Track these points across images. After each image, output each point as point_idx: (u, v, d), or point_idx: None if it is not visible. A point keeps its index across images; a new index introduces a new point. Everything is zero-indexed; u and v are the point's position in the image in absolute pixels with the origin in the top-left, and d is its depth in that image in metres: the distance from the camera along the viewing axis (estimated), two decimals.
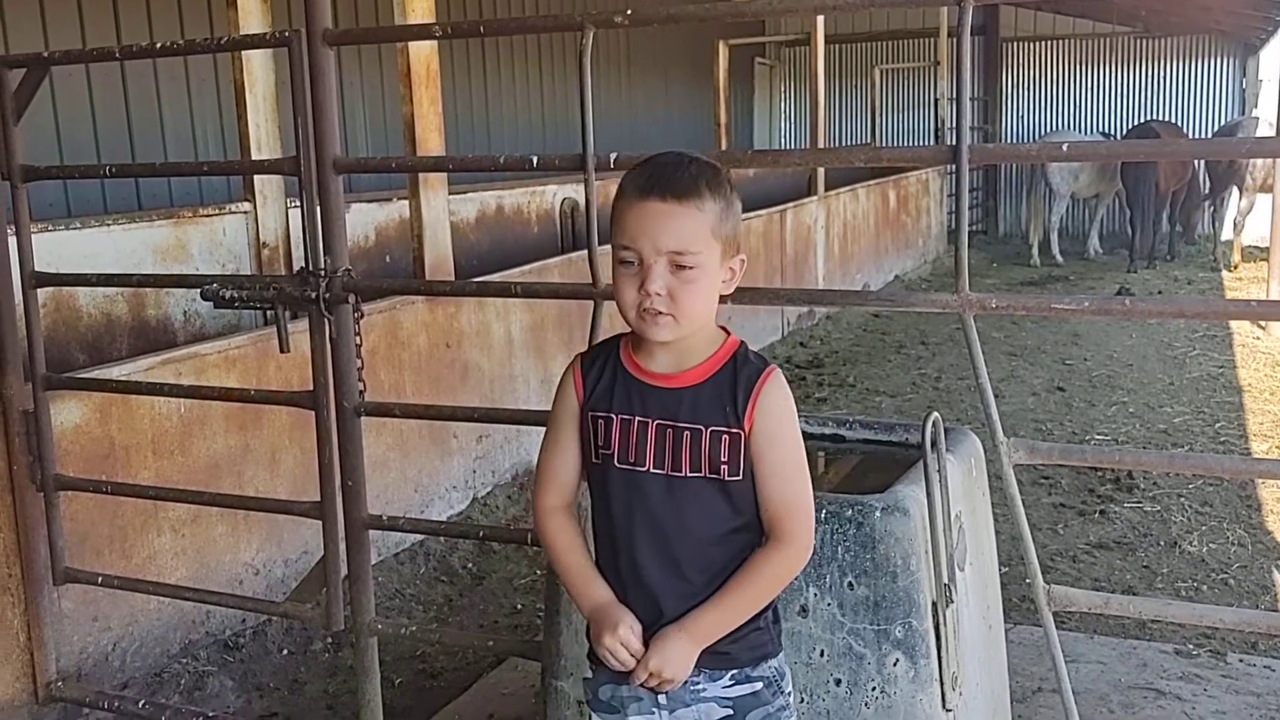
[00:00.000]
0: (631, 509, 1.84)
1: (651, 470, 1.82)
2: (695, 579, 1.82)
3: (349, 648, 3.85)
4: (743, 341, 1.89)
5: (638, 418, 1.83)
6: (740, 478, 1.81)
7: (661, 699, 1.85)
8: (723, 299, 1.89)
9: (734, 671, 1.85)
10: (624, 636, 1.80)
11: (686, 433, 1.80)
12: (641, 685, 1.82)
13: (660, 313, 1.76)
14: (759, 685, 1.86)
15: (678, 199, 1.74)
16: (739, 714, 1.86)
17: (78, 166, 6.07)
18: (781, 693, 1.89)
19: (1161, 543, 4.93)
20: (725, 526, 1.82)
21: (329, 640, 4.11)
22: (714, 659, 1.83)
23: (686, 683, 1.83)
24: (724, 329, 1.89)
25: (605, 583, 1.87)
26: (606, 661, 1.83)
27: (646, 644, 1.81)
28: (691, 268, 1.75)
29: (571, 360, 1.96)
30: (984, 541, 2.69)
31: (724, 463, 1.80)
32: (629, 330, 1.88)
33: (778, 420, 1.82)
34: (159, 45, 3.16)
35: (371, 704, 3.01)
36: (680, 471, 1.81)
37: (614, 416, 1.85)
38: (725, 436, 1.80)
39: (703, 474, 1.80)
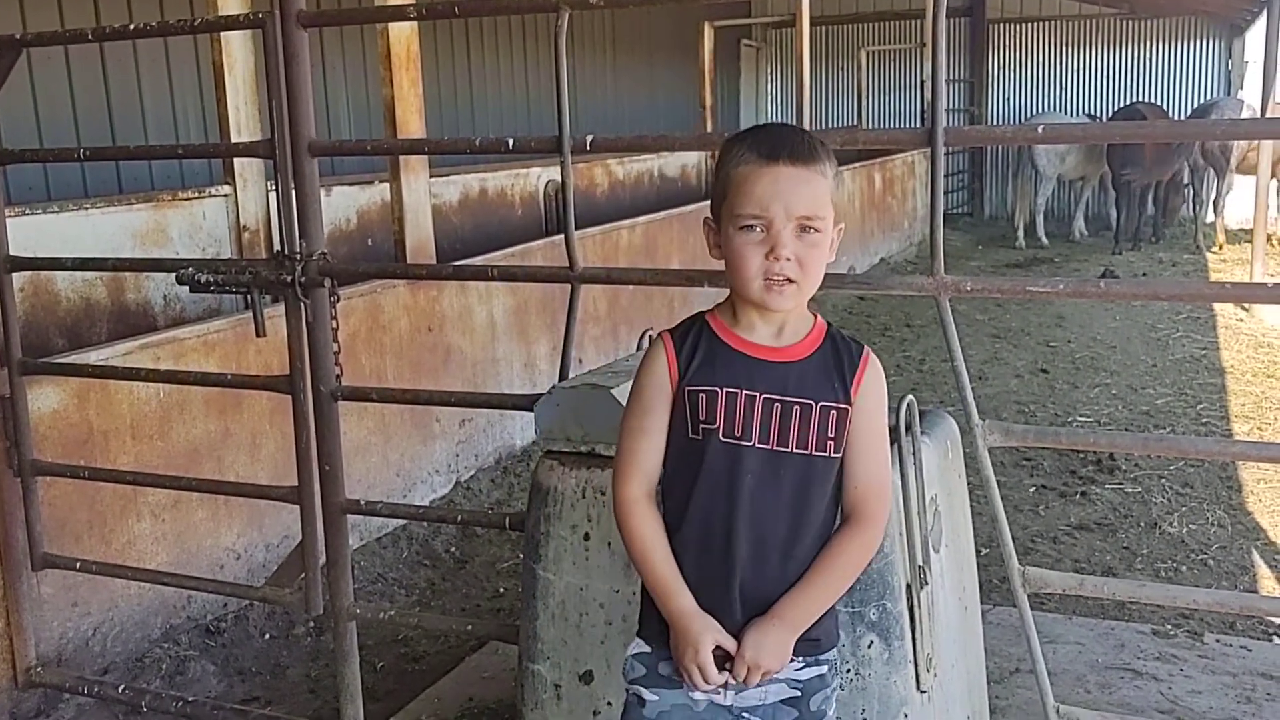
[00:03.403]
0: (731, 484, 1.79)
1: (756, 445, 1.78)
2: (778, 556, 1.80)
3: (330, 632, 3.85)
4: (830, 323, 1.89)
5: (744, 391, 1.79)
6: (841, 454, 1.82)
7: (729, 679, 1.81)
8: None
9: (806, 655, 1.84)
10: (703, 661, 1.77)
11: (796, 407, 1.78)
12: (744, 680, 1.78)
13: (789, 280, 1.75)
14: (825, 669, 1.87)
15: (805, 164, 1.75)
16: (805, 695, 1.85)
17: (52, 149, 6.01)
18: (838, 674, 1.93)
19: (1142, 524, 4.96)
20: (815, 504, 1.82)
21: (311, 624, 4.11)
22: (803, 645, 1.82)
23: None
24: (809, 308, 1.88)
25: (688, 589, 1.81)
26: (689, 679, 1.79)
27: (739, 636, 1.79)
28: (819, 231, 1.75)
29: (656, 338, 1.89)
30: (960, 523, 2.69)
31: (831, 438, 1.80)
32: (708, 310, 1.87)
33: (877, 399, 1.84)
34: (134, 27, 3.13)
35: (350, 688, 3.01)
36: (786, 447, 1.79)
37: (719, 390, 1.79)
38: (834, 411, 1.79)
39: (808, 450, 1.79)
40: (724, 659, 1.79)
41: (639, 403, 1.86)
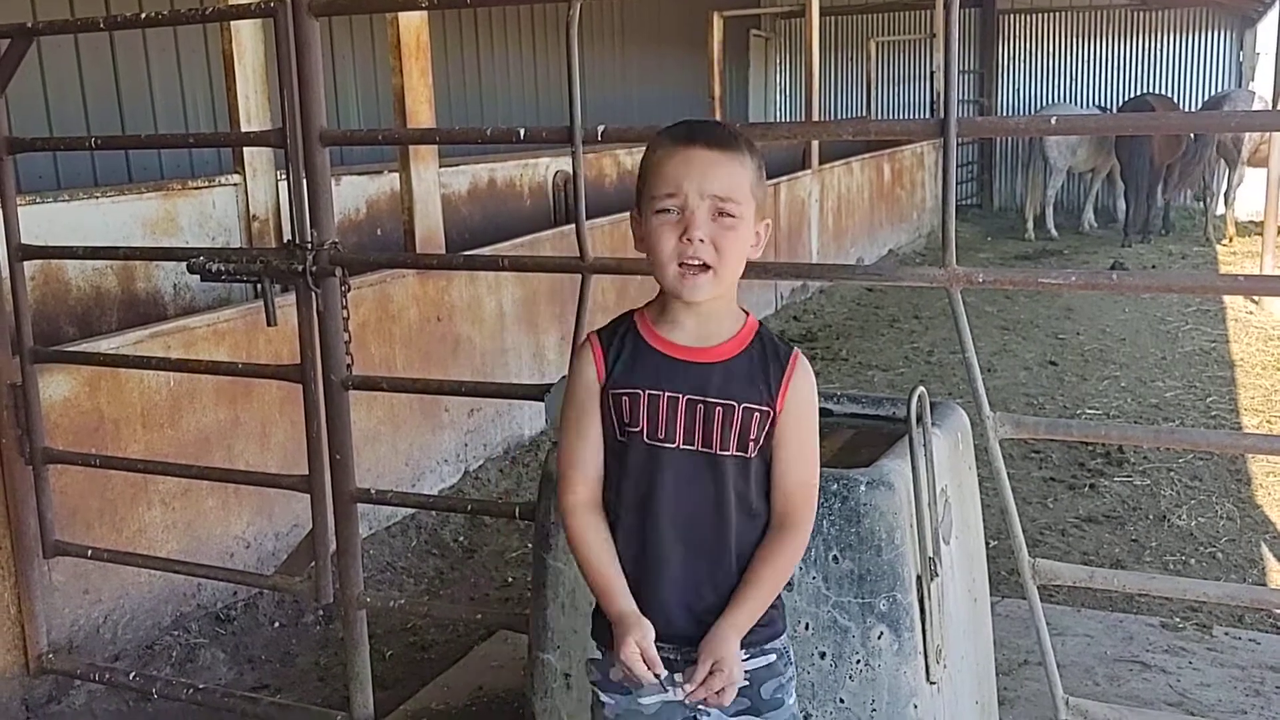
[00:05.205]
0: (656, 485, 1.80)
1: (681, 446, 1.79)
2: (706, 556, 1.81)
3: (340, 620, 3.86)
4: (762, 321, 1.88)
5: (666, 393, 1.79)
6: (758, 456, 1.81)
7: (676, 676, 1.80)
8: (749, 266, 1.86)
9: (752, 646, 1.86)
10: (629, 660, 1.75)
11: (718, 408, 1.78)
12: (703, 700, 1.77)
13: (703, 265, 1.74)
14: (773, 657, 1.88)
15: (722, 148, 1.76)
16: (755, 684, 1.86)
17: (63, 138, 6.05)
18: (791, 663, 1.92)
19: (1150, 516, 4.95)
20: (741, 505, 1.81)
21: (320, 613, 4.12)
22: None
23: None
24: (741, 307, 1.88)
25: (628, 591, 1.81)
26: (629, 672, 1.77)
27: (665, 642, 1.78)
28: (734, 215, 1.74)
29: (584, 339, 1.89)
30: (970, 515, 2.69)
31: (753, 439, 1.79)
32: (639, 307, 1.87)
33: (806, 403, 1.83)
34: (144, 16, 3.13)
35: (360, 676, 3.02)
36: (710, 448, 1.79)
37: (640, 392, 1.79)
38: (757, 414, 1.78)
39: (730, 451, 1.79)
40: (670, 662, 1.79)
41: (572, 407, 1.87)
